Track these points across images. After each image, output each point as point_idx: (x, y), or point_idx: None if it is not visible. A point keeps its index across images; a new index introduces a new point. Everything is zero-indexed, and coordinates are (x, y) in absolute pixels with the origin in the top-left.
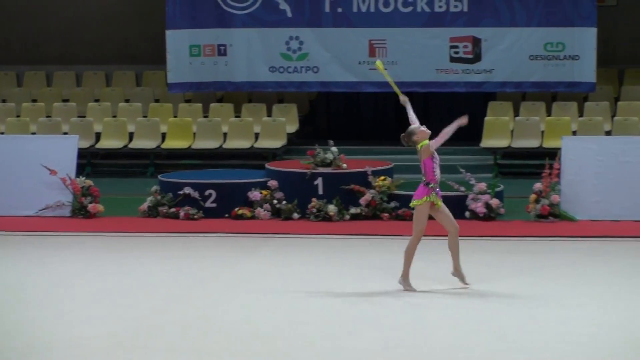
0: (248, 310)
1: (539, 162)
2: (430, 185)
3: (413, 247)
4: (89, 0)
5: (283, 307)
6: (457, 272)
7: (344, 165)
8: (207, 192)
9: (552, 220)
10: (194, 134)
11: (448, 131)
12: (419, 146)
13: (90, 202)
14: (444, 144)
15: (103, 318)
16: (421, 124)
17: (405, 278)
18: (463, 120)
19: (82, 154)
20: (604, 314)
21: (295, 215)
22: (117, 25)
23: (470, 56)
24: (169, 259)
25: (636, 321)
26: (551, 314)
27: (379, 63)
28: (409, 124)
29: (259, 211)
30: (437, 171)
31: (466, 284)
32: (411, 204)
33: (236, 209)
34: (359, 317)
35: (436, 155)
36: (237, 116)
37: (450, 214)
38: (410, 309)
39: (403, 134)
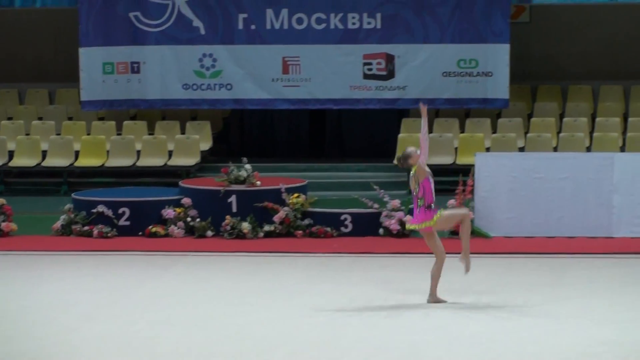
0: (161, 329)
1: (452, 179)
2: (432, 207)
3: (438, 270)
4: (2, 18)
5: (196, 325)
6: (433, 297)
7: (258, 182)
8: (120, 210)
9: None
10: (108, 151)
11: (424, 134)
12: (414, 169)
13: (4, 221)
14: (360, 161)
15: (14, 336)
16: (335, 140)
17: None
18: (424, 109)
19: None
20: (521, 330)
21: (209, 233)
22: (30, 42)
23: (384, 73)
24: (82, 278)
25: (552, 336)
26: (466, 329)
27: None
28: (323, 141)
29: (173, 229)
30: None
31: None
32: (418, 227)
33: (150, 227)
34: (271, 335)
35: (431, 173)
36: (150, 134)
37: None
38: (319, 327)
39: (399, 156)
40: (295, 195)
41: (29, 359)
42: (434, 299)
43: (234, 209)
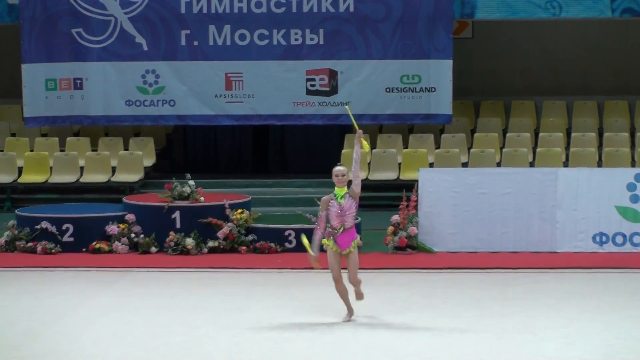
0: (105, 345)
1: (396, 194)
2: (329, 230)
3: (336, 289)
4: None
5: (141, 341)
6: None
7: (202, 198)
8: (64, 227)
9: (410, 252)
10: (51, 168)
11: (356, 161)
12: (345, 191)
13: None
14: (303, 176)
15: None
16: (278, 156)
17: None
18: (358, 137)
19: None
20: (464, 345)
21: (153, 249)
22: None
23: (327, 89)
24: (25, 294)
25: (494, 351)
26: (409, 346)
27: (347, 108)
28: (267, 157)
29: (117, 245)
30: (334, 218)
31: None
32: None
33: (94, 243)
34: (214, 351)
35: (333, 206)
36: (93, 150)
37: (352, 268)
38: (262, 343)
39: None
40: (239, 211)
41: None
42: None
43: (178, 225)
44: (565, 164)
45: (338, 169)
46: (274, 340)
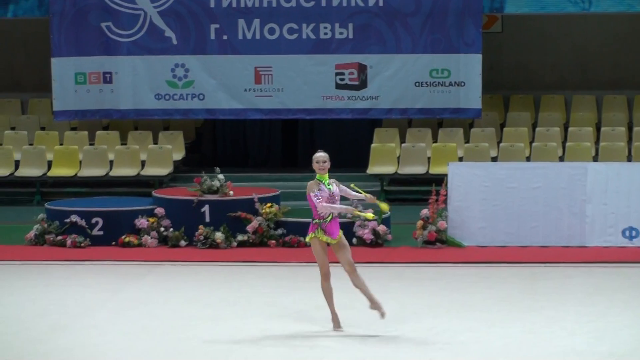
0: (134, 338)
1: (425, 189)
2: (315, 222)
3: (322, 287)
4: None
5: (169, 335)
6: (374, 305)
7: (231, 192)
8: (93, 220)
9: (439, 246)
10: (80, 161)
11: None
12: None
13: None
14: (333, 170)
15: None
16: (307, 150)
17: (333, 318)
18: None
19: None
20: (493, 339)
21: (183, 243)
22: (1, 52)
23: (356, 83)
24: (55, 287)
25: (524, 345)
26: (439, 340)
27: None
28: (296, 151)
29: (146, 239)
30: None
31: (382, 313)
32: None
33: (123, 237)
34: (244, 343)
35: (323, 190)
36: (123, 144)
37: (346, 256)
38: (294, 336)
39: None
40: (268, 205)
41: None
42: (375, 306)
43: (207, 219)
44: (595, 159)
45: (319, 155)
46: (302, 334)
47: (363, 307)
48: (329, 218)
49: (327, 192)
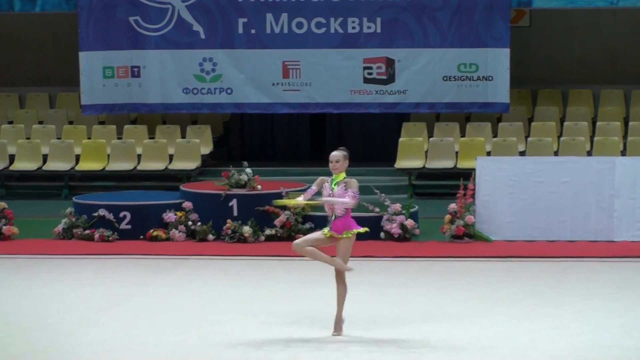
0: (162, 332)
1: (453, 183)
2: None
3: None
4: (1, 23)
5: (197, 329)
6: (338, 323)
7: (259, 186)
8: (121, 214)
9: (467, 240)
10: (108, 155)
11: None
12: (341, 177)
13: (5, 225)
14: (361, 165)
15: (12, 341)
16: (335, 144)
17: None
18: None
19: None
20: (521, 334)
21: (210, 237)
22: (30, 47)
23: (384, 77)
24: (82, 281)
25: (551, 340)
26: (466, 334)
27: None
28: (324, 145)
29: (174, 233)
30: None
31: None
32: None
33: (151, 231)
34: (272, 340)
35: (326, 188)
36: (151, 138)
37: (340, 254)
38: (321, 331)
39: (345, 154)
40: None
41: None
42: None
43: (235, 213)
44: (623, 153)
45: (333, 153)
46: (328, 326)
47: (389, 302)
48: (333, 217)
49: (328, 189)
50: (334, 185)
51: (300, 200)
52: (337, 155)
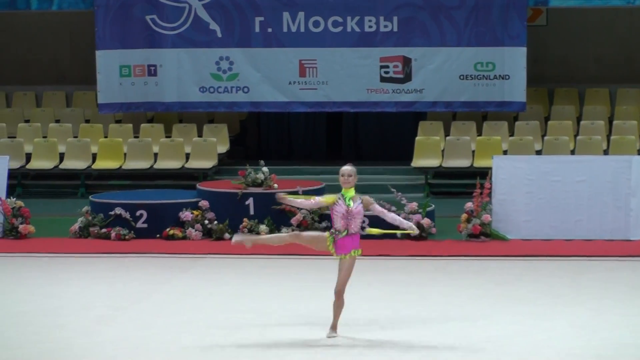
0: (179, 331)
1: (470, 182)
2: (331, 230)
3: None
4: (18, 21)
5: (214, 328)
6: (332, 329)
7: (275, 185)
8: (138, 213)
9: (484, 239)
10: (125, 154)
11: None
12: (352, 193)
13: (21, 223)
14: (377, 163)
15: (32, 339)
16: (351, 143)
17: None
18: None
19: (12, 174)
20: (537, 332)
21: (227, 236)
22: (46, 45)
23: (401, 76)
24: (98, 280)
25: (568, 338)
26: (483, 333)
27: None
28: (340, 143)
29: (190, 231)
30: (339, 219)
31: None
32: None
33: (167, 230)
34: (290, 339)
35: (340, 205)
36: (167, 136)
37: (343, 274)
38: (340, 329)
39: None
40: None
41: None
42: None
43: (252, 212)
44: None
45: (345, 168)
46: (346, 324)
47: (405, 301)
48: (344, 233)
49: (344, 207)
50: (349, 201)
51: (305, 202)
52: (350, 170)
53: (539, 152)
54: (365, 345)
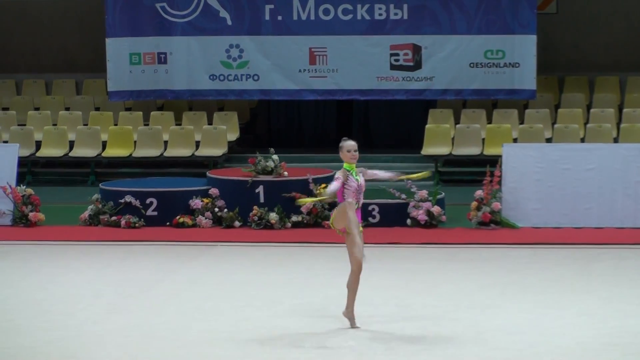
0: (189, 319)
1: (480, 170)
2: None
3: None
4: (28, 9)
5: (224, 316)
6: (349, 313)
7: (285, 173)
8: (148, 201)
9: (494, 227)
10: (135, 142)
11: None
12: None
13: (31, 211)
14: (387, 151)
15: (43, 327)
16: (362, 131)
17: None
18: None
19: (22, 162)
20: (547, 321)
21: (237, 224)
22: (56, 33)
23: (411, 64)
24: (108, 268)
25: (577, 327)
26: (493, 321)
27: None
28: (350, 131)
29: (200, 219)
30: (352, 194)
31: (355, 326)
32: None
33: (177, 217)
34: (299, 328)
35: (352, 181)
36: (177, 124)
37: (354, 247)
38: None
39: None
40: (323, 185)
41: (53, 350)
42: (348, 314)
43: (262, 200)
44: None
45: (350, 143)
46: (358, 314)
47: (415, 289)
48: (357, 206)
49: (355, 183)
50: (357, 176)
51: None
52: (355, 144)
53: (549, 140)
54: (373, 334)
